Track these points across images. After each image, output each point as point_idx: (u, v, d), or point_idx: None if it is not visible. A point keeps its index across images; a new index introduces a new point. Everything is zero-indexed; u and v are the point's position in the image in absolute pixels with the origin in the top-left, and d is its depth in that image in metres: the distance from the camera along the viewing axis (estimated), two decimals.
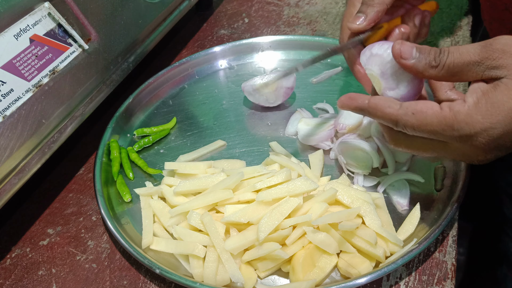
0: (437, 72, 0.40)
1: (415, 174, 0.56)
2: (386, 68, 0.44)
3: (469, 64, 0.38)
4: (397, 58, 0.41)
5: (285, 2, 0.94)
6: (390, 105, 0.41)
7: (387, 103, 0.41)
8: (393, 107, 0.41)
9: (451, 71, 0.39)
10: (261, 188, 0.52)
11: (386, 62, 0.44)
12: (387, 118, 0.41)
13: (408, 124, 0.40)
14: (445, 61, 0.39)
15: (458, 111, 0.38)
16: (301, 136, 0.62)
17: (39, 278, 0.53)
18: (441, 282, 0.48)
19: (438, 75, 0.40)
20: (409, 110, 0.40)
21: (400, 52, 0.40)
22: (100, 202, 0.56)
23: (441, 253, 0.51)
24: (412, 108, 0.40)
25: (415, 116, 0.39)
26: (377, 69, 0.45)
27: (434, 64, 0.39)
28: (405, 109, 0.40)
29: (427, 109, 0.39)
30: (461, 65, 0.38)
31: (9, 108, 0.50)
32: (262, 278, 0.49)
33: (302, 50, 0.77)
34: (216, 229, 0.50)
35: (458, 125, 0.38)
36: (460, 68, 0.39)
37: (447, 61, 0.39)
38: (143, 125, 0.70)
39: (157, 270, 0.48)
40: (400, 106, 0.41)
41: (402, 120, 0.40)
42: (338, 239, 0.48)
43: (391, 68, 0.43)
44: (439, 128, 0.39)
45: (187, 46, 0.86)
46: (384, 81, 0.44)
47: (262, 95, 0.67)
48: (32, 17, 0.53)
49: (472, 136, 0.38)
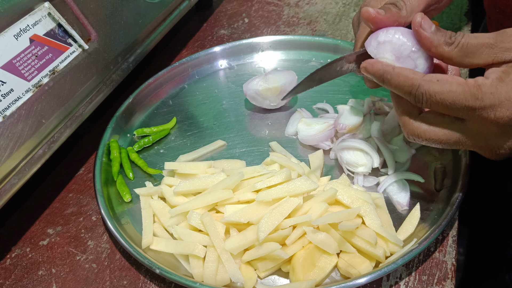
0: (450, 50, 0.40)
1: (415, 174, 0.56)
2: (400, 51, 0.44)
3: (482, 45, 0.39)
4: (417, 26, 0.41)
5: (285, 2, 0.94)
6: (415, 73, 0.41)
7: (412, 72, 0.41)
8: (418, 74, 0.41)
9: (465, 51, 0.40)
10: (261, 188, 0.52)
11: (399, 45, 0.44)
12: (409, 83, 0.41)
13: (430, 90, 0.40)
14: (460, 40, 0.40)
15: (483, 83, 0.38)
16: (301, 136, 0.62)
17: (39, 278, 0.53)
18: (441, 282, 0.48)
19: (451, 53, 0.40)
20: (434, 77, 0.40)
21: (420, 23, 0.41)
22: (100, 202, 0.56)
23: (441, 253, 0.51)
24: (437, 76, 0.40)
25: (440, 83, 0.40)
26: (390, 55, 0.44)
27: (449, 41, 0.40)
28: (430, 76, 0.40)
29: (452, 79, 0.39)
30: (475, 46, 0.39)
31: (9, 108, 0.50)
32: (262, 278, 0.49)
33: (302, 50, 0.77)
34: (216, 229, 0.50)
35: (482, 95, 0.38)
36: (474, 49, 0.39)
37: (462, 41, 0.40)
38: (143, 125, 0.70)
39: (157, 270, 0.48)
40: (425, 75, 0.41)
41: (424, 86, 0.40)
42: (338, 239, 0.48)
43: (405, 51, 0.44)
44: (462, 96, 0.39)
45: (187, 46, 0.86)
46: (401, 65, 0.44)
47: (265, 99, 0.66)
48: (32, 17, 0.53)
49: (496, 106, 0.38)
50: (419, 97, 0.41)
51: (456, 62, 0.41)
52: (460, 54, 0.40)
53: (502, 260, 0.73)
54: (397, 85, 0.42)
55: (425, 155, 0.59)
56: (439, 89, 0.40)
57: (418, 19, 0.41)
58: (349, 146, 0.57)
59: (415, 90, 0.41)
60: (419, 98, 0.41)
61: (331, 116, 0.64)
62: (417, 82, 0.41)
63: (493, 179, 0.73)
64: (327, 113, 0.67)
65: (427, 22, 0.41)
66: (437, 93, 0.40)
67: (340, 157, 0.58)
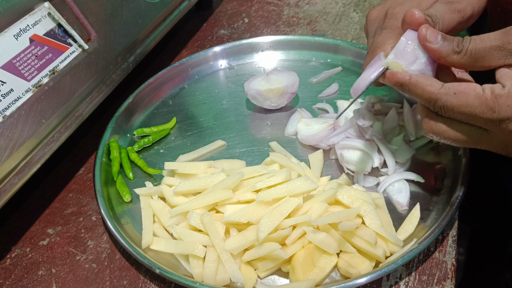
0: (460, 58, 0.41)
1: (415, 174, 0.56)
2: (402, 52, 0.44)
3: (491, 49, 0.39)
4: (423, 41, 0.42)
5: (285, 2, 0.94)
6: (432, 83, 0.41)
7: (429, 81, 0.41)
8: (435, 86, 0.41)
9: (474, 57, 0.40)
10: (261, 188, 0.52)
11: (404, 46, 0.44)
12: (427, 96, 0.41)
13: (448, 104, 0.40)
14: (467, 47, 0.40)
15: (499, 94, 0.38)
16: (301, 136, 0.62)
17: (39, 278, 0.53)
18: (441, 282, 0.48)
19: (461, 60, 0.41)
20: (451, 90, 0.40)
21: (425, 35, 0.41)
22: (100, 202, 0.56)
23: (441, 253, 0.51)
24: (454, 88, 0.40)
25: (457, 96, 0.40)
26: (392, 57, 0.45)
27: (457, 50, 0.40)
28: (447, 88, 0.40)
29: (470, 91, 0.39)
30: (484, 51, 0.39)
31: (9, 108, 0.50)
32: (262, 278, 0.49)
33: (302, 50, 0.77)
34: (216, 229, 0.50)
35: (499, 108, 0.38)
36: (483, 53, 0.39)
37: (470, 47, 0.40)
38: (143, 125, 0.70)
39: (157, 270, 0.48)
40: (442, 86, 0.41)
41: (442, 99, 0.40)
42: (338, 239, 0.48)
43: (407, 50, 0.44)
44: (479, 110, 0.39)
45: (187, 46, 0.86)
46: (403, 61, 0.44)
47: (267, 99, 0.66)
48: (32, 17, 0.53)
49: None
50: (438, 109, 0.42)
51: (468, 67, 0.41)
52: (470, 61, 0.40)
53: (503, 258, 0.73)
54: (417, 95, 0.42)
55: (425, 155, 0.59)
56: (457, 103, 0.40)
57: (423, 31, 0.42)
58: (350, 145, 0.57)
59: (433, 103, 0.41)
60: (438, 110, 0.42)
61: (331, 116, 0.64)
62: (434, 96, 0.41)
63: (493, 176, 0.72)
64: (327, 113, 0.67)
65: (433, 33, 0.41)
66: (455, 106, 0.40)
67: (341, 156, 0.58)
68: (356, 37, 0.82)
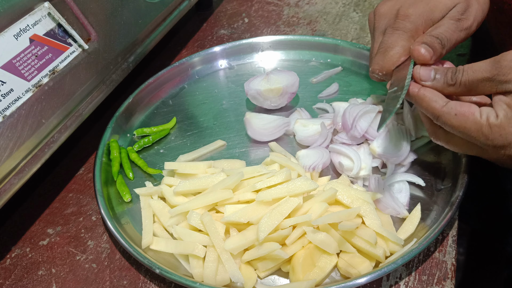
0: (455, 89, 0.44)
1: (416, 176, 0.56)
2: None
3: (482, 80, 0.42)
4: (418, 80, 0.45)
5: (285, 2, 0.94)
6: (437, 100, 0.44)
7: (435, 98, 0.44)
8: (439, 103, 0.44)
9: (468, 88, 0.43)
10: (261, 188, 0.52)
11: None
12: (430, 111, 0.44)
13: (448, 123, 0.43)
14: (460, 79, 0.43)
15: (493, 124, 0.41)
16: (299, 137, 0.62)
17: (39, 278, 0.53)
18: (441, 282, 0.48)
19: (456, 91, 0.44)
20: (453, 110, 0.43)
21: (419, 75, 0.45)
22: (100, 202, 0.56)
23: (441, 253, 0.51)
24: (456, 110, 0.43)
25: (457, 117, 0.43)
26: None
27: (451, 83, 0.44)
28: (450, 108, 0.43)
29: (469, 114, 0.42)
30: (476, 82, 0.42)
31: (9, 108, 0.50)
32: (262, 278, 0.49)
33: (302, 50, 0.77)
34: (216, 229, 0.50)
35: (492, 136, 0.41)
36: (476, 84, 0.42)
37: (463, 79, 0.43)
38: (143, 125, 0.70)
39: (157, 270, 0.48)
40: (445, 104, 0.43)
41: (443, 118, 0.44)
42: (338, 239, 0.48)
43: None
44: (475, 134, 0.42)
45: (187, 46, 0.86)
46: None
47: (267, 99, 0.66)
48: (32, 17, 0.53)
49: (505, 147, 0.42)
50: (440, 123, 0.45)
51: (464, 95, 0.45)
52: (464, 90, 0.43)
53: (501, 257, 0.73)
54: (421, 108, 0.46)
55: (425, 155, 0.59)
56: (456, 124, 0.43)
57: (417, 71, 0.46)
58: (338, 150, 0.58)
59: (435, 118, 0.45)
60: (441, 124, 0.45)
61: (330, 116, 0.64)
62: (437, 113, 0.44)
63: (492, 177, 0.73)
64: (327, 113, 0.67)
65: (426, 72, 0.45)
66: (455, 126, 0.43)
67: (332, 159, 0.59)
68: (356, 37, 0.82)
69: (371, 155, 0.57)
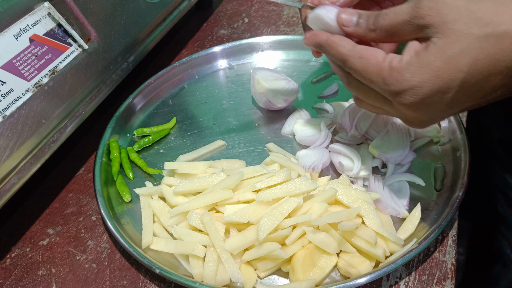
0: (376, 35, 0.41)
1: (415, 176, 0.56)
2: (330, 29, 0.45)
3: (402, 24, 0.39)
4: (340, 26, 0.43)
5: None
6: (344, 45, 0.42)
7: (342, 43, 0.42)
8: (346, 47, 0.42)
9: (389, 32, 0.40)
10: (261, 188, 0.52)
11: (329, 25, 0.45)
12: (339, 56, 0.42)
13: (353, 66, 0.41)
14: (381, 24, 0.40)
15: (393, 67, 0.38)
16: (299, 137, 0.62)
17: (39, 278, 0.53)
18: (441, 282, 0.48)
19: (378, 37, 0.41)
20: (358, 53, 0.41)
21: (342, 20, 0.43)
22: (100, 202, 0.56)
23: (441, 253, 0.51)
24: (360, 53, 0.41)
25: (361, 60, 0.40)
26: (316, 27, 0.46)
27: (372, 28, 0.41)
28: (355, 51, 0.41)
29: (372, 57, 0.40)
30: (396, 26, 0.39)
31: (9, 108, 0.50)
32: (262, 278, 0.49)
33: (302, 50, 0.77)
34: (216, 229, 0.50)
35: (389, 80, 0.39)
36: (396, 29, 0.39)
37: (384, 24, 0.40)
38: (143, 125, 0.70)
39: (157, 270, 0.48)
40: (352, 48, 0.41)
41: (349, 62, 0.41)
42: (338, 239, 0.48)
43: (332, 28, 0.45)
44: (375, 78, 0.40)
45: (187, 46, 0.86)
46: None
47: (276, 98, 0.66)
48: (32, 17, 0.53)
49: (400, 93, 0.39)
50: (348, 69, 0.42)
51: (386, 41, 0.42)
52: (386, 35, 0.41)
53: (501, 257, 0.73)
54: (331, 55, 0.43)
55: (425, 155, 0.59)
56: (360, 67, 0.41)
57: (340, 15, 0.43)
58: (338, 150, 0.58)
59: (343, 64, 0.42)
60: (348, 71, 0.42)
61: (330, 116, 0.64)
62: (345, 57, 0.42)
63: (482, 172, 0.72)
64: (327, 113, 0.67)
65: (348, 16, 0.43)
66: (358, 70, 0.41)
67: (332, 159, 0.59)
68: None
69: (371, 155, 0.57)
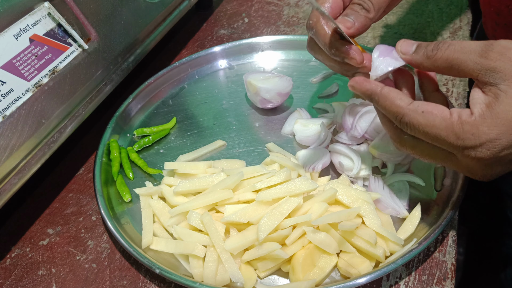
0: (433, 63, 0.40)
1: (415, 176, 0.56)
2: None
3: (467, 59, 0.38)
4: (399, 53, 0.43)
5: (285, 2, 0.94)
6: (402, 98, 0.40)
7: (399, 96, 0.41)
8: (404, 101, 0.40)
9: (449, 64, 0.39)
10: (261, 188, 0.52)
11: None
12: (395, 109, 0.41)
13: (414, 121, 0.39)
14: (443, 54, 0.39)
15: (466, 121, 0.37)
16: (299, 137, 0.62)
17: (39, 278, 0.53)
18: (441, 282, 0.48)
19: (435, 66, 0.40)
20: (420, 108, 0.39)
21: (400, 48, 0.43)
22: (100, 202, 0.56)
23: (441, 253, 0.51)
24: (423, 107, 0.39)
25: (424, 115, 0.39)
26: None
27: (431, 54, 0.40)
28: (416, 106, 0.40)
29: (438, 112, 0.39)
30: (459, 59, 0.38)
31: (9, 108, 0.50)
32: (262, 278, 0.49)
33: (302, 50, 0.77)
34: (216, 229, 0.50)
35: (464, 135, 0.37)
36: (459, 61, 0.38)
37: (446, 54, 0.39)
38: (143, 125, 0.70)
39: (157, 270, 0.48)
40: (411, 102, 0.40)
41: (409, 116, 0.40)
42: (338, 239, 0.48)
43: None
44: (444, 133, 0.38)
45: (187, 46, 0.86)
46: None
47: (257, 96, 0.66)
48: (32, 17, 0.53)
49: (477, 147, 0.38)
50: (404, 125, 0.41)
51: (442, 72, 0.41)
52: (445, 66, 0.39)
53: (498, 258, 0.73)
54: (383, 108, 0.42)
55: None
56: (423, 122, 0.39)
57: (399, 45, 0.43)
58: (338, 150, 0.58)
59: (400, 118, 0.40)
60: (404, 126, 0.41)
61: (330, 116, 0.64)
62: (402, 111, 0.40)
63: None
64: (327, 113, 0.67)
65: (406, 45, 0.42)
66: (421, 125, 0.39)
67: (332, 159, 0.59)
68: (356, 37, 0.82)
69: (371, 155, 0.57)
